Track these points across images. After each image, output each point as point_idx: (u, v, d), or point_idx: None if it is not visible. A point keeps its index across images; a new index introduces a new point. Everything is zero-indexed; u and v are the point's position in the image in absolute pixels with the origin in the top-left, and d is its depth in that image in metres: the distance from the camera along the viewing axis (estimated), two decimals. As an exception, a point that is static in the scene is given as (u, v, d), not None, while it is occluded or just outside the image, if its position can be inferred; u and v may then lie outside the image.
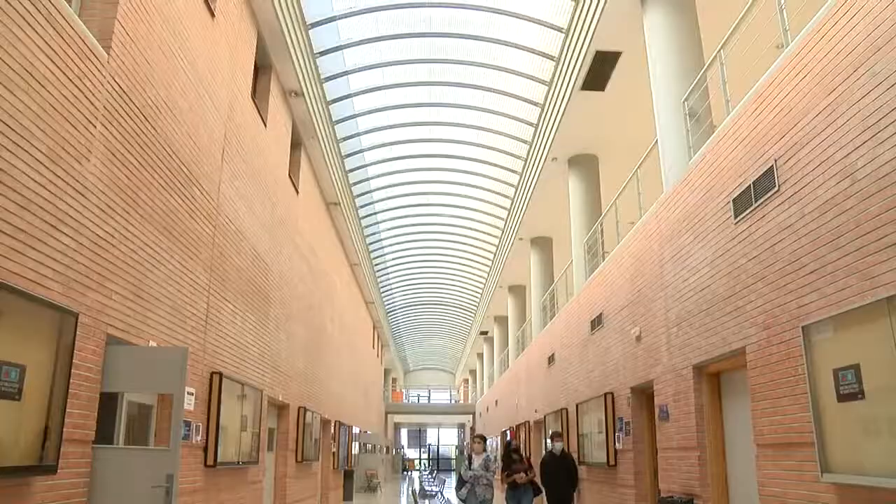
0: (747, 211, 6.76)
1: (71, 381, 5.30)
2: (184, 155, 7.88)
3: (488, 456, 11.16)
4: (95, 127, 5.80)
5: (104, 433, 6.39)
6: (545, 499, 11.53)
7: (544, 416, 17.39)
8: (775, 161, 6.25)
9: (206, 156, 8.63)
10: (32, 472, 4.87)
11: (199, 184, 8.39)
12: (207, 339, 8.72)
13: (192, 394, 8.10)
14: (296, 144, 14.56)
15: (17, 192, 4.73)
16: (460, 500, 11.05)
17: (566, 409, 14.76)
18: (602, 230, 14.05)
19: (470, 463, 11.01)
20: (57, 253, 5.21)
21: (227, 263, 9.53)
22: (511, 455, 11.75)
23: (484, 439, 11.50)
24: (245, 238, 10.42)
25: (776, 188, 6.22)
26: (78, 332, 5.41)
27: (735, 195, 7.03)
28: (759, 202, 6.53)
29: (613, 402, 11.32)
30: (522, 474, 11.12)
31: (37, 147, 4.95)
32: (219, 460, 8.81)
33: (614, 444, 11.14)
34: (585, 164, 15.84)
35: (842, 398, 5.08)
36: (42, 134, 5.01)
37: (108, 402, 6.45)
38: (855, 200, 5.07)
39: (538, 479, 11.46)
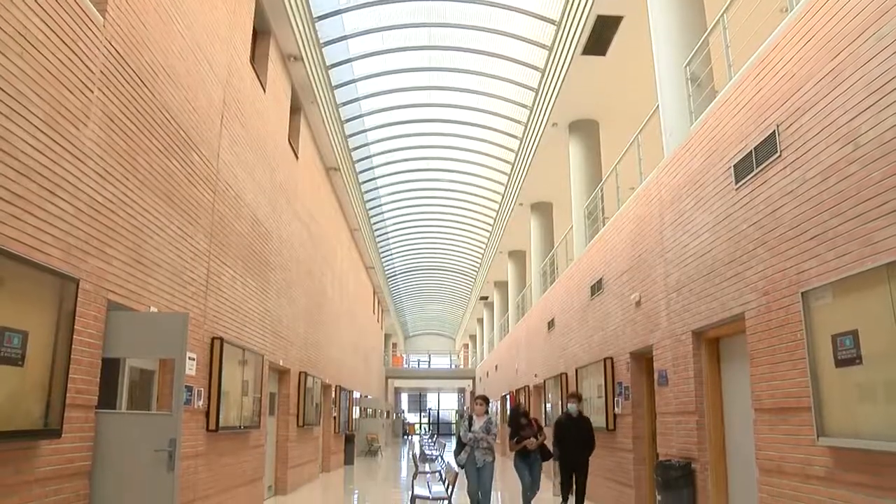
0: (748, 176, 6.73)
1: (73, 346, 5.33)
2: (182, 120, 7.83)
3: (490, 418, 10.23)
4: (92, 92, 5.76)
5: (107, 399, 6.45)
6: (558, 466, 10.73)
7: (544, 381, 17.51)
8: (777, 126, 6.20)
9: (204, 121, 8.58)
10: (37, 436, 4.94)
11: (197, 149, 8.35)
12: (208, 304, 8.74)
13: (194, 359, 8.14)
14: (295, 109, 14.47)
15: (15, 158, 4.71)
16: (458, 464, 10.20)
17: (566, 374, 14.85)
18: (602, 195, 14.01)
19: (470, 425, 10.13)
20: (56, 219, 5.20)
21: (227, 229, 9.53)
22: (519, 419, 11.13)
23: (486, 400, 10.59)
24: (245, 203, 10.40)
25: (778, 154, 6.19)
26: (79, 298, 5.43)
27: (736, 161, 7.00)
28: (760, 168, 6.50)
29: (613, 366, 11.38)
30: (532, 439, 10.57)
31: (33, 112, 4.92)
32: (221, 425, 8.90)
33: (613, 408, 11.22)
34: (586, 130, 15.74)
35: (839, 363, 5.11)
36: (38, 99, 4.98)
37: (110, 368, 6.49)
38: (857, 166, 5.04)
39: (550, 444, 10.75)
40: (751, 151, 6.67)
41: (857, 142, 5.04)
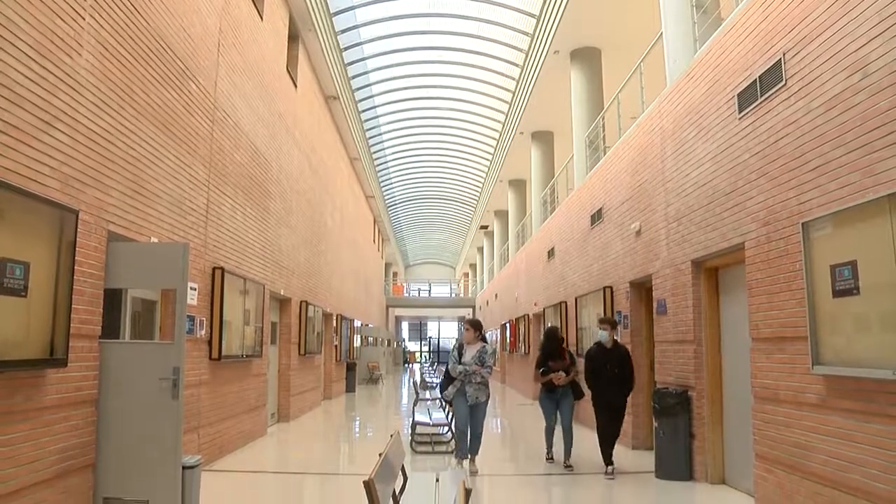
0: (752, 106, 6.65)
1: (75, 277, 5.36)
2: (177, 48, 7.69)
3: (485, 347, 8.72)
4: (84, 19, 5.64)
5: (111, 329, 6.52)
6: (593, 406, 8.81)
7: (543, 310, 17.67)
8: (783, 55, 6.10)
9: (200, 49, 8.43)
10: (44, 365, 5.02)
11: (195, 78, 8.23)
12: (208, 234, 8.75)
13: (195, 289, 8.20)
14: (293, 37, 14.21)
15: (8, 88, 4.64)
16: (445, 400, 8.99)
17: (565, 303, 14.97)
18: (603, 125, 13.89)
19: (460, 356, 8.66)
20: (52, 150, 5.16)
21: (226, 158, 9.47)
22: (550, 346, 9.42)
23: (478, 326, 8.94)
24: (243, 133, 10.31)
25: (783, 82, 6.10)
26: (79, 230, 5.43)
27: (740, 90, 6.90)
28: (764, 97, 6.42)
29: (612, 295, 11.46)
30: (561, 373, 9.00)
31: (23, 40, 4.82)
32: (223, 354, 9.02)
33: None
34: (588, 58, 15.49)
35: (837, 294, 5.14)
36: (28, 26, 4.87)
37: (113, 299, 6.54)
38: (864, 95, 4.97)
39: (579, 380, 9.22)
40: (755, 80, 6.58)
41: (866, 70, 4.96)
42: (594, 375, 8.62)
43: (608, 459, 8.37)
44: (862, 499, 4.96)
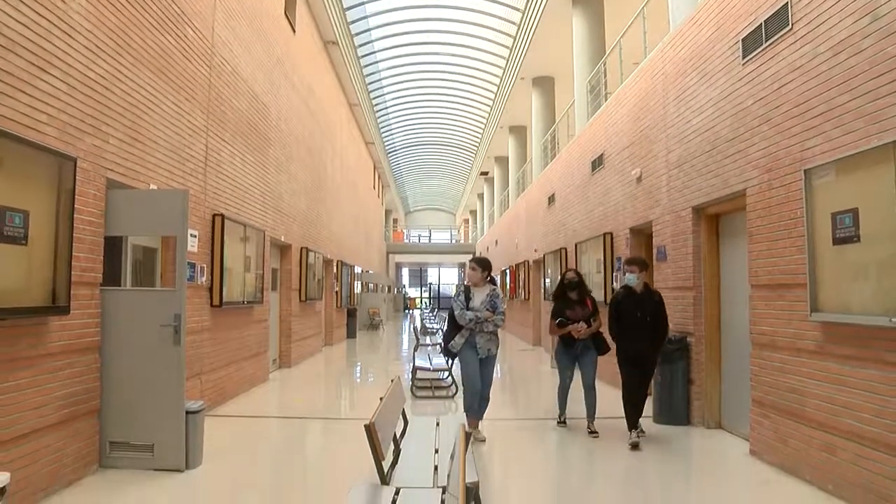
0: (756, 51, 6.56)
1: (74, 225, 5.36)
2: (172, -9, 7.56)
3: (496, 291, 7.47)
4: (77, -39, 5.52)
5: (112, 277, 6.55)
6: (618, 360, 7.49)
7: (543, 256, 17.71)
8: (790, -3, 5.99)
9: (195, -9, 8.28)
10: (47, 312, 5.05)
11: (191, 23, 8.10)
12: (208, 181, 8.71)
13: (195, 236, 8.20)
14: (289, -22, 13.96)
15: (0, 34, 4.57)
16: (451, 353, 7.43)
17: (565, 249, 15.00)
18: (605, 70, 13.72)
19: (468, 300, 7.39)
20: (48, 97, 5.10)
21: (225, 105, 9.37)
22: (566, 291, 8.06)
23: (487, 265, 7.59)
24: (242, 79, 10.19)
25: (789, 27, 6.00)
26: (77, 177, 5.41)
27: (745, 34, 6.80)
28: (769, 42, 6.32)
29: (612, 242, 11.47)
30: (582, 324, 7.75)
31: (16, -17, 4.73)
32: (224, 300, 9.06)
33: (612, 283, 11.37)
34: (590, 2, 15.24)
35: (837, 241, 5.15)
36: (20, -32, 4.78)
37: (113, 247, 6.55)
38: (872, 40, 4.89)
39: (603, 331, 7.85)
40: (761, 25, 6.47)
41: (875, 13, 4.87)
42: (619, 324, 7.34)
43: (633, 423, 7.19)
44: (854, 441, 5.05)
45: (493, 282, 7.65)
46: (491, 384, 7.47)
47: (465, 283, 7.71)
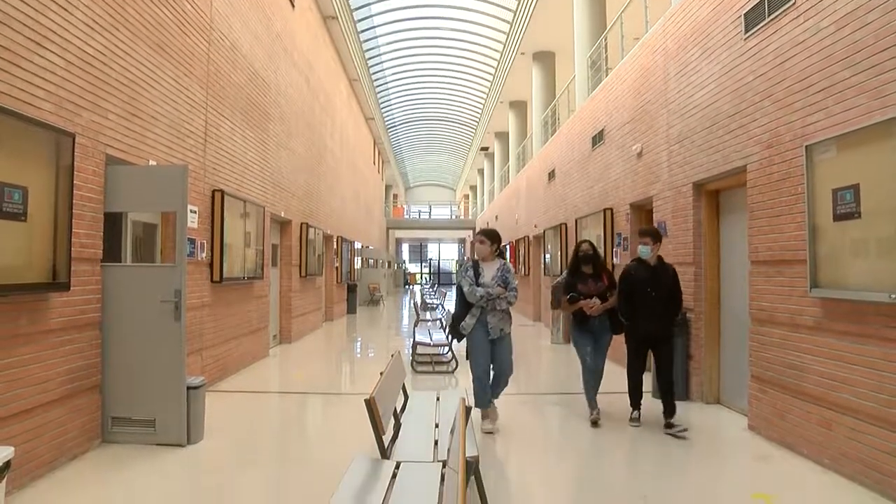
0: (759, 26, 6.51)
1: (74, 201, 5.36)
2: (170, -36, 7.49)
3: (506, 265, 6.89)
4: (73, -66, 5.47)
5: (112, 253, 6.55)
6: (625, 339, 7.14)
7: (543, 231, 17.69)
8: (793, -30, 5.94)
9: (193, -35, 8.20)
10: (47, 288, 5.06)
11: (188, -4, 8.04)
12: (207, 156, 8.69)
13: (195, 212, 8.19)
14: (288, -49, 13.82)
15: (-3, 7, 4.53)
16: (462, 334, 6.82)
17: (565, 224, 14.98)
18: (606, 45, 13.62)
19: (477, 276, 6.77)
20: (45, 72, 5.07)
21: (224, 80, 9.32)
22: (579, 265, 7.33)
23: (496, 237, 6.97)
24: (241, 54, 10.13)
25: (792, 1, 5.95)
26: (76, 153, 5.40)
27: (747, 9, 6.74)
28: (772, 16, 6.27)
29: (612, 217, 11.46)
30: (596, 300, 7.09)
31: (12, -43, 4.68)
32: (225, 276, 9.07)
33: (612, 258, 11.37)
34: (592, -27, 15.12)
35: (838, 218, 5.14)
36: (16, -58, 4.73)
37: (113, 223, 6.55)
38: (878, 14, 4.84)
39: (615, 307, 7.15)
40: (763, -2, 6.42)
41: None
42: (632, 298, 6.90)
43: (636, 402, 7.04)
44: (851, 416, 5.09)
45: (501, 255, 7.11)
46: (510, 363, 6.83)
47: (474, 257, 7.14)
